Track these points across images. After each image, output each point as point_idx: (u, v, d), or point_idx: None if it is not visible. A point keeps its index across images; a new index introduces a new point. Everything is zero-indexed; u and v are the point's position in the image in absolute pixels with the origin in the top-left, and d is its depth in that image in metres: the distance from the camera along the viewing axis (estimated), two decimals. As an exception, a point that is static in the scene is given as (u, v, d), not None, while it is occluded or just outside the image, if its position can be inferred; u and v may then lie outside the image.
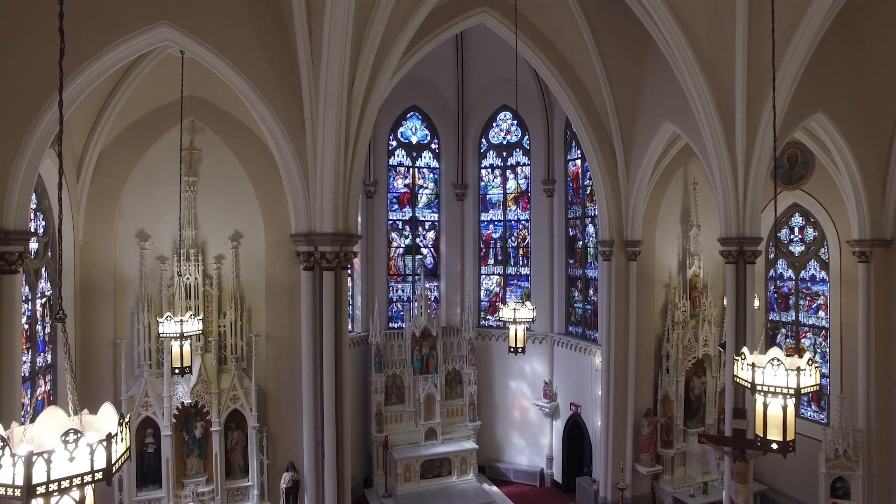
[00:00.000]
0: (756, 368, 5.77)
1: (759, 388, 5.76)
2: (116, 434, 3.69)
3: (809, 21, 9.83)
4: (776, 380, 5.68)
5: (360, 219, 15.97)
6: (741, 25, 10.23)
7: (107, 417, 4.01)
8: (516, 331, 11.37)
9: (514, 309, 11.20)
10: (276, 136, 9.05)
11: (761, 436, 5.90)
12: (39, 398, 9.86)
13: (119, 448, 3.74)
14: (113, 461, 3.62)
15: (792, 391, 5.59)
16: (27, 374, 9.34)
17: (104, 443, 3.57)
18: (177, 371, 9.95)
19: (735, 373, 6.18)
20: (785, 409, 5.75)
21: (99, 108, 10.88)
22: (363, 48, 8.45)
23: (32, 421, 3.78)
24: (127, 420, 3.90)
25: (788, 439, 5.78)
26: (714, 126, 11.43)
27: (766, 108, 10.93)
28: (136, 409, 11.54)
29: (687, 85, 11.35)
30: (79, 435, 3.44)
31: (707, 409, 15.73)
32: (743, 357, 6.03)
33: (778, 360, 5.67)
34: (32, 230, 9.30)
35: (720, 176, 11.76)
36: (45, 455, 3.30)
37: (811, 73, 10.87)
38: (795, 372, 5.59)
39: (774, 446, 5.81)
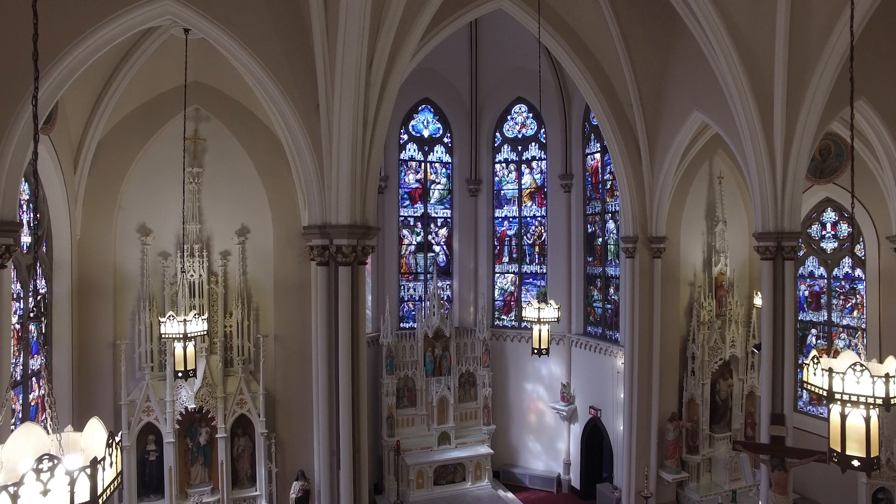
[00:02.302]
0: (834, 374, 5.10)
1: (837, 396, 5.09)
2: (104, 458, 3.03)
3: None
4: (859, 388, 5.00)
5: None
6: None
7: (94, 436, 3.35)
8: (540, 331, 10.75)
9: (539, 308, 10.57)
10: (288, 120, 8.37)
11: (838, 451, 5.23)
12: (33, 404, 9.23)
13: (107, 475, 3.07)
14: (99, 492, 2.95)
15: (880, 401, 4.91)
16: (19, 378, 8.72)
17: (87, 470, 2.91)
18: (180, 374, 9.36)
19: (805, 379, 5.50)
20: (868, 420, 5.07)
21: (97, 95, 10.29)
22: (382, 24, 7.76)
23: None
24: (118, 440, 3.24)
25: (872, 455, 5.10)
26: (750, 113, 10.72)
27: (808, 92, 10.29)
28: (137, 415, 10.92)
29: (720, 68, 10.65)
30: (55, 462, 2.76)
31: (734, 413, 15.05)
32: (816, 361, 5.36)
33: (861, 365, 5.00)
34: (24, 222, 8.68)
35: (756, 166, 11.06)
36: (11, 488, 2.64)
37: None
38: (884, 379, 4.91)
39: (856, 463, 5.12)
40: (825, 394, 5.16)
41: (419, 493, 15.95)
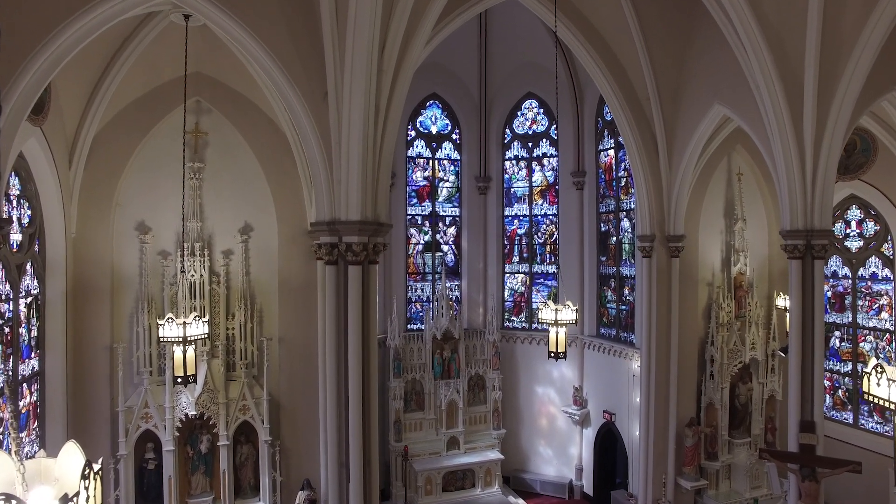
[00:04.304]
0: (903, 385, 4.60)
1: (907, 409, 4.60)
2: (77, 493, 2.52)
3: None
4: (933, 400, 4.51)
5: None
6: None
7: (69, 462, 2.84)
8: (557, 334, 10.27)
9: (557, 310, 10.09)
10: (295, 110, 7.88)
11: (906, 469, 4.73)
12: (23, 411, 8.75)
13: (83, 512, 2.56)
14: (71, 536, 2.44)
15: (958, 415, 4.42)
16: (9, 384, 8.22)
17: (58, 510, 2.39)
18: (180, 379, 8.90)
19: (866, 390, 5.01)
20: (941, 436, 4.58)
21: (93, 86, 9.83)
22: (396, 6, 7.27)
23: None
24: (97, 469, 2.72)
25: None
26: (778, 105, 10.23)
27: (842, 82, 9.84)
28: (135, 422, 10.49)
29: (746, 58, 10.16)
30: (14, 502, 2.26)
31: (753, 417, 14.52)
32: (880, 371, 4.86)
33: (935, 374, 4.50)
34: (15, 219, 8.20)
35: (784, 161, 10.57)
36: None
37: (886, 47, 9.67)
38: (963, 390, 4.42)
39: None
40: (893, 407, 4.67)
41: (427, 499, 15.49)
